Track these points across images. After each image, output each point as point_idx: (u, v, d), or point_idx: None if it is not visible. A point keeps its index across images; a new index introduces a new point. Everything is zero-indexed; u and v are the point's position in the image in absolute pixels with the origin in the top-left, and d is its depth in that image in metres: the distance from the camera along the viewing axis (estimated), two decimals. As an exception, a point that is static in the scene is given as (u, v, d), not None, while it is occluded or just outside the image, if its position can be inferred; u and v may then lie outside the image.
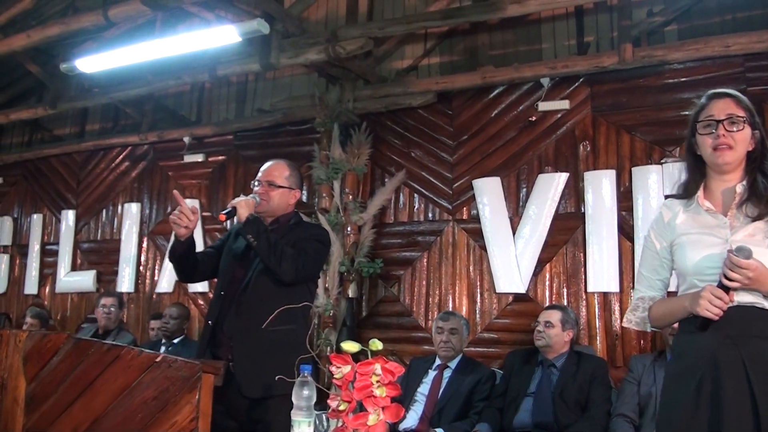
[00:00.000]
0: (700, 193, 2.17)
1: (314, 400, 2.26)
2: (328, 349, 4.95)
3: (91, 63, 5.27)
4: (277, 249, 2.79)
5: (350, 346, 1.69)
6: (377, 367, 1.63)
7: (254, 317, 2.76)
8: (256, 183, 3.04)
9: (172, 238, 2.92)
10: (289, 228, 3.04)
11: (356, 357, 1.69)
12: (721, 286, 1.97)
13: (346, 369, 1.65)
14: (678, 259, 2.17)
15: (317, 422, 2.29)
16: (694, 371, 2.02)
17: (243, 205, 2.80)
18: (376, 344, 1.67)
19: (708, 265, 2.05)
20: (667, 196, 2.28)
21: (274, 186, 3.01)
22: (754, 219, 2.06)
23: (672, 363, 2.17)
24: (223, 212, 2.80)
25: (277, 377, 2.71)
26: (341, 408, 1.61)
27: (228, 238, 3.11)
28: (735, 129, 2.10)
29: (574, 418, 3.58)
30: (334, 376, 1.64)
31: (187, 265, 2.95)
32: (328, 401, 1.64)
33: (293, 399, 2.27)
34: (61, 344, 2.24)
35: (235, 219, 2.85)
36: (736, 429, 1.91)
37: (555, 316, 3.86)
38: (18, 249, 7.68)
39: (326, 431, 2.32)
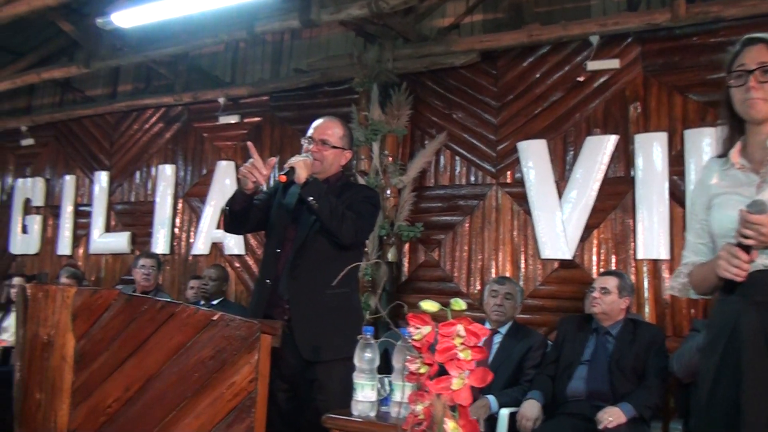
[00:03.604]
0: (734, 149, 2.00)
1: (377, 363, 2.15)
2: (367, 313, 4.86)
3: (127, 17, 5.16)
4: (338, 212, 2.70)
5: (430, 306, 1.56)
6: (460, 329, 1.49)
7: (311, 279, 2.71)
8: (308, 141, 2.92)
9: (236, 188, 2.82)
10: (339, 188, 2.94)
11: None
12: (739, 244, 1.81)
13: (426, 330, 1.52)
14: (709, 221, 2.02)
15: (380, 386, 2.18)
16: (717, 343, 1.91)
17: (302, 166, 2.69)
18: (459, 304, 1.54)
19: (731, 226, 1.86)
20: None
21: (328, 146, 2.90)
22: None
23: (704, 332, 2.06)
24: (283, 173, 2.69)
25: (336, 340, 2.67)
26: (422, 371, 1.48)
27: (276, 192, 3.00)
28: None
29: (631, 387, 3.45)
30: (413, 337, 1.51)
31: (242, 217, 2.85)
32: (406, 363, 1.52)
33: (355, 361, 2.17)
34: (113, 301, 2.14)
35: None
36: (755, 407, 1.79)
37: (611, 282, 3.70)
38: (50, 210, 7.68)
39: (388, 396, 2.21)
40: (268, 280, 2.82)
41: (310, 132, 2.93)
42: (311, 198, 2.67)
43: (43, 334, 2.28)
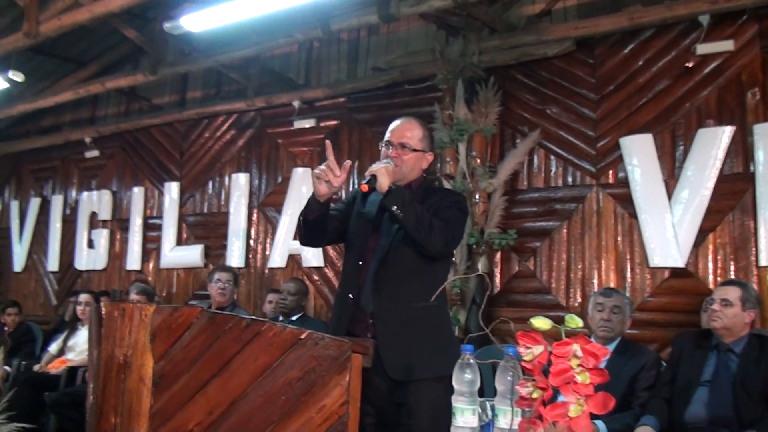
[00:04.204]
0: None
1: (478, 385, 2.10)
2: (456, 329, 4.81)
3: (196, 21, 5.26)
4: (425, 220, 2.68)
5: (542, 323, 1.51)
6: (576, 348, 1.43)
7: (396, 292, 2.69)
8: (387, 145, 2.90)
9: (309, 197, 2.80)
10: (422, 194, 2.92)
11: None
12: None
13: (538, 350, 1.46)
14: None
15: (480, 411, 2.12)
16: None
17: (383, 173, 2.67)
18: (575, 321, 1.48)
19: None
20: None
21: (408, 149, 2.87)
22: None
23: None
24: (364, 182, 2.68)
25: (426, 357, 2.63)
26: (534, 396, 1.43)
27: (354, 200, 3.00)
28: None
29: (758, 412, 3.27)
30: (524, 358, 1.46)
31: (318, 228, 2.84)
32: (517, 387, 1.47)
33: (454, 383, 2.12)
34: (194, 319, 2.16)
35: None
36: None
37: (733, 293, 3.52)
38: (118, 223, 7.92)
39: (491, 421, 2.15)
40: (350, 295, 2.80)
41: (387, 136, 2.91)
42: (395, 207, 2.65)
43: (119, 354, 2.31)
